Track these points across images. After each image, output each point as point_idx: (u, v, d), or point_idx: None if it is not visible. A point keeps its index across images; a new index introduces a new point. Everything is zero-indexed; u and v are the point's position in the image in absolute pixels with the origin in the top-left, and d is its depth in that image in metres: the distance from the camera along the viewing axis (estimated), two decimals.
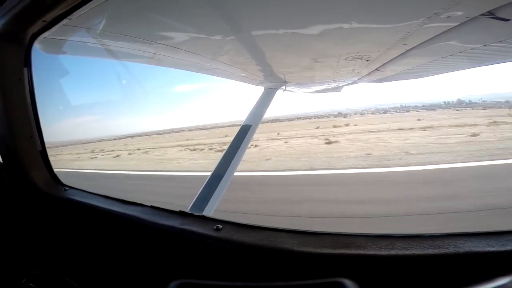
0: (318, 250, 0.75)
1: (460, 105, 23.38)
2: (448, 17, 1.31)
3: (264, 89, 3.81)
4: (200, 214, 1.06)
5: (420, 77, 3.78)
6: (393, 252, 0.70)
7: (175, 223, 1.00)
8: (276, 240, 0.81)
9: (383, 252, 0.70)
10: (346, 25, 1.71)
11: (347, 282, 0.61)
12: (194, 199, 2.38)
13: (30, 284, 1.17)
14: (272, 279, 0.79)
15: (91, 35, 1.42)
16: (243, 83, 3.83)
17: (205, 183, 2.53)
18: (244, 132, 3.16)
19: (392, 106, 27.23)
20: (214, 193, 2.38)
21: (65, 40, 1.50)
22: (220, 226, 0.92)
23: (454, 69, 2.66)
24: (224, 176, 2.65)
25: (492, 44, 1.64)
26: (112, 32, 1.43)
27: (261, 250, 0.80)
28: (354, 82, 4.52)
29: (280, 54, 2.52)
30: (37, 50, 1.41)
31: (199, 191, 2.45)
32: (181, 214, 1.07)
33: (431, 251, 0.68)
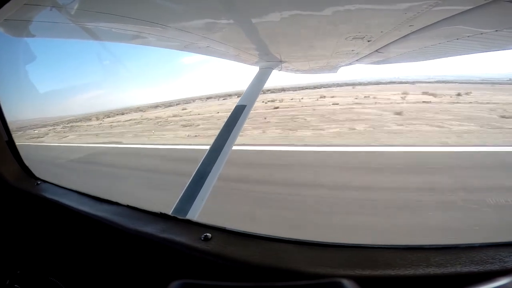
0: (336, 271, 0.62)
1: None
2: None
3: (259, 69, 3.67)
4: (184, 217, 0.89)
5: (421, 60, 3.66)
6: (429, 270, 0.58)
7: (154, 229, 0.84)
8: (282, 256, 0.67)
9: (419, 271, 0.58)
10: (351, 2, 1.56)
11: (347, 282, 0.57)
12: (178, 199, 1.96)
13: (15, 285, 1.10)
14: None
15: (63, 14, 1.22)
16: (237, 62, 3.64)
17: (195, 170, 2.25)
18: (238, 113, 3.04)
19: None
20: (204, 185, 2.04)
21: (31, 22, 1.29)
22: (209, 234, 0.76)
23: (460, 53, 2.55)
24: (219, 156, 2.50)
25: (505, 30, 1.53)
26: (87, 10, 1.23)
27: (262, 269, 0.65)
28: (351, 63, 4.38)
29: (277, 33, 2.33)
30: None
31: (185, 187, 2.06)
32: (162, 216, 0.92)
33: (474, 268, 0.57)
